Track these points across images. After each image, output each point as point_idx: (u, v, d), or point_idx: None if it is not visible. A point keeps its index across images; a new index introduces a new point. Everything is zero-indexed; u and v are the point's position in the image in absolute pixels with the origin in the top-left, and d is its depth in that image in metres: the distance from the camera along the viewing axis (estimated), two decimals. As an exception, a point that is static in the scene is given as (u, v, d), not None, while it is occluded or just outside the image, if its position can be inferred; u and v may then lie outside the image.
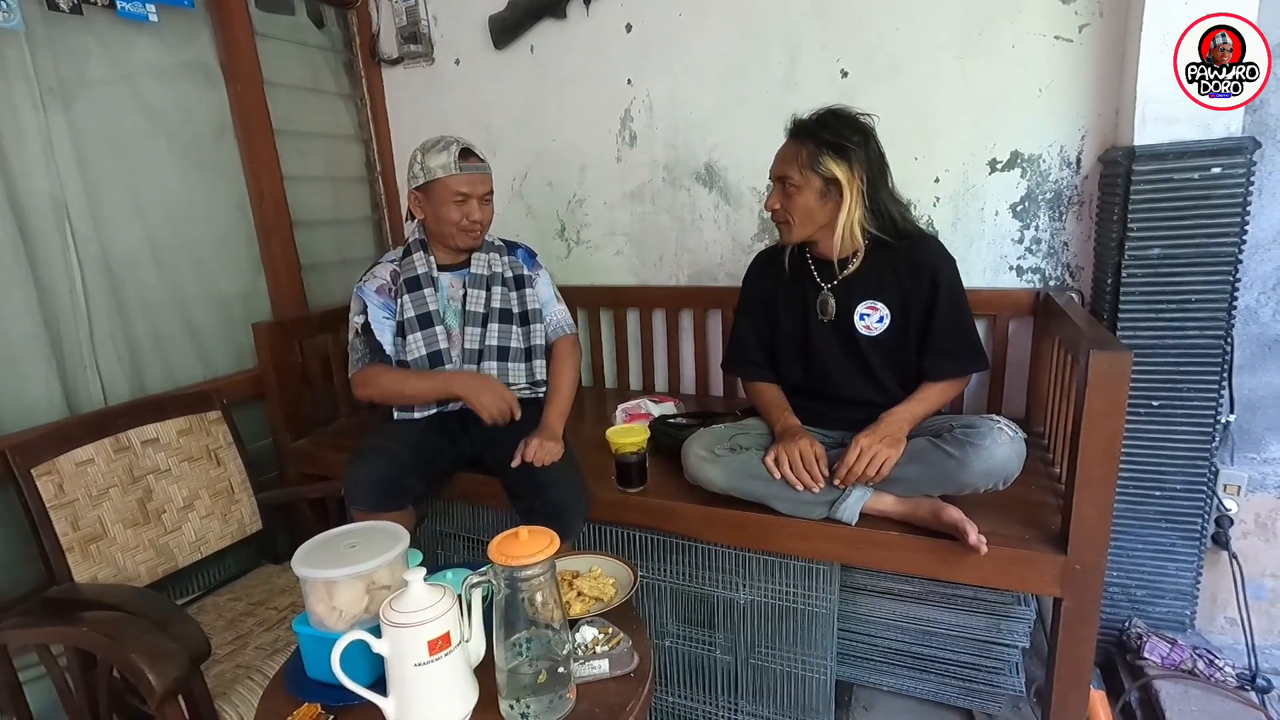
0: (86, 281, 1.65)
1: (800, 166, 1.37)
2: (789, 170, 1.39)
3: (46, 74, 1.58)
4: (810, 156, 1.36)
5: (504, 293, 1.67)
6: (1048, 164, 1.73)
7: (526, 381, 1.67)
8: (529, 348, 1.68)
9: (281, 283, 2.11)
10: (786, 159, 1.40)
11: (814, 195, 1.38)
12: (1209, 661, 1.50)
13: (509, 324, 1.66)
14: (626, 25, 2.07)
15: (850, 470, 1.32)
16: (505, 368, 1.64)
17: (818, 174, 1.36)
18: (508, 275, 1.69)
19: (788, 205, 1.41)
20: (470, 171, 1.55)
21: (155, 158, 1.82)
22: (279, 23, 2.15)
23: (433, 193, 1.56)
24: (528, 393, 1.67)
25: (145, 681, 0.99)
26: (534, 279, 1.72)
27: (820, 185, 1.37)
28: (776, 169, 1.43)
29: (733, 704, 1.56)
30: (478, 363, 1.62)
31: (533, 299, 1.70)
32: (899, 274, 1.42)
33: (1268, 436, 1.67)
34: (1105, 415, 1.13)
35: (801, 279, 1.51)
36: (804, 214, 1.40)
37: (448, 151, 1.53)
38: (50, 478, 1.34)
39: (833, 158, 1.35)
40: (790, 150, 1.40)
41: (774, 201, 1.44)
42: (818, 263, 1.49)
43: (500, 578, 0.85)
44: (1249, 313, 1.63)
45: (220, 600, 1.53)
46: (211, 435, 1.64)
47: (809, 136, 1.38)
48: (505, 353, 1.65)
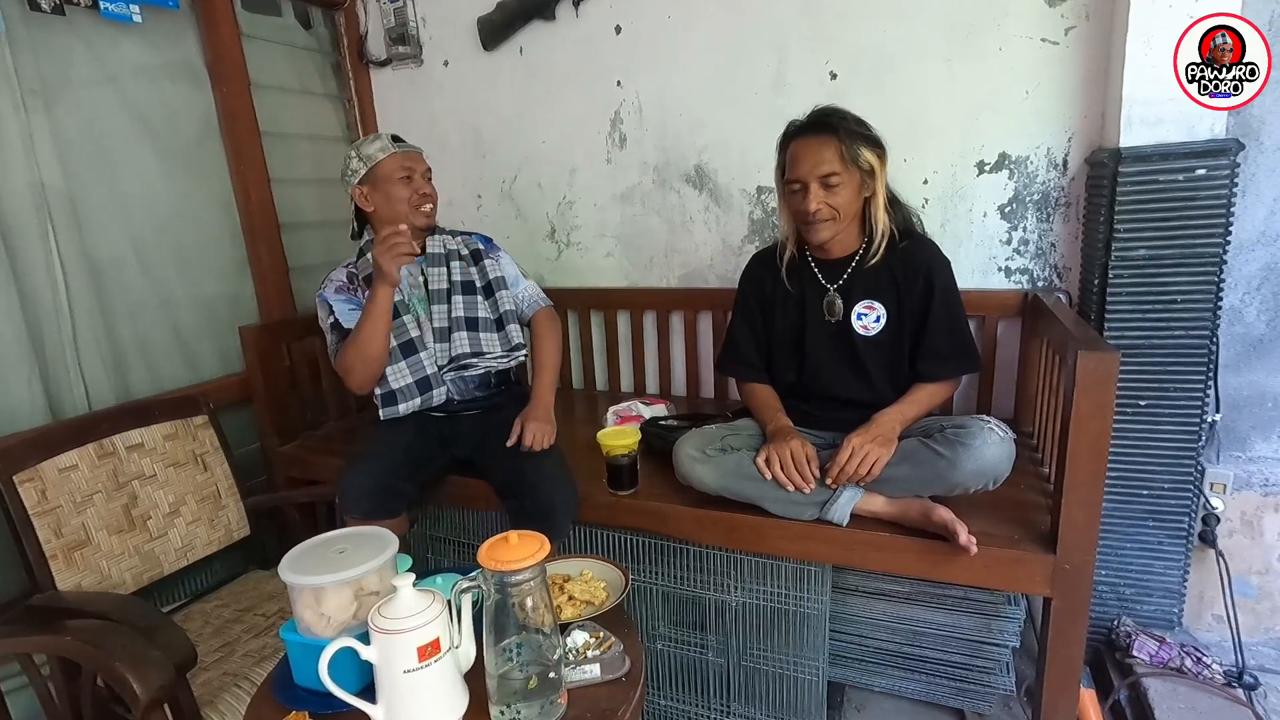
0: (69, 284, 1.63)
1: (843, 160, 1.34)
2: (834, 166, 1.33)
3: (28, 75, 1.56)
4: (848, 149, 1.34)
5: (463, 266, 1.68)
6: (1035, 166, 1.74)
7: (503, 349, 1.67)
8: (499, 316, 1.68)
9: (268, 285, 2.10)
10: (825, 157, 1.34)
11: (854, 189, 1.37)
12: (1197, 659, 1.51)
13: (473, 294, 1.67)
14: (616, 27, 2.07)
15: (842, 470, 1.32)
16: (477, 338, 1.64)
17: (858, 166, 1.35)
18: (464, 251, 1.71)
19: (833, 201, 1.36)
20: (406, 149, 1.60)
21: (140, 159, 1.80)
22: (265, 24, 2.13)
23: (377, 179, 1.58)
24: (505, 360, 1.68)
25: (130, 690, 0.98)
26: (498, 257, 1.74)
27: (859, 177, 1.37)
28: (817, 168, 1.34)
29: (725, 706, 1.56)
30: (448, 338, 1.63)
31: (493, 269, 1.71)
32: (895, 275, 1.43)
33: (1253, 435, 1.69)
34: (1093, 415, 1.13)
35: (800, 279, 1.51)
36: (847, 209, 1.38)
37: (379, 140, 1.58)
38: (33, 484, 1.32)
39: (868, 148, 1.35)
40: (825, 147, 1.34)
41: (817, 201, 1.35)
42: (820, 264, 1.49)
43: (490, 583, 0.84)
44: (1234, 312, 1.64)
45: (207, 607, 1.51)
46: (198, 440, 1.62)
47: (841, 130, 1.34)
48: (474, 323, 1.65)
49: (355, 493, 1.43)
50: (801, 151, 1.37)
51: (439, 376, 1.62)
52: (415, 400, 1.61)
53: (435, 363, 1.62)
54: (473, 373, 1.66)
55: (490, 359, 1.65)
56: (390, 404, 1.60)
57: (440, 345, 1.63)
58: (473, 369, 1.65)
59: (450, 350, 1.62)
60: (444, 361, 1.62)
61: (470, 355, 1.63)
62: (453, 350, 1.62)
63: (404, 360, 1.59)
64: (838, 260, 1.47)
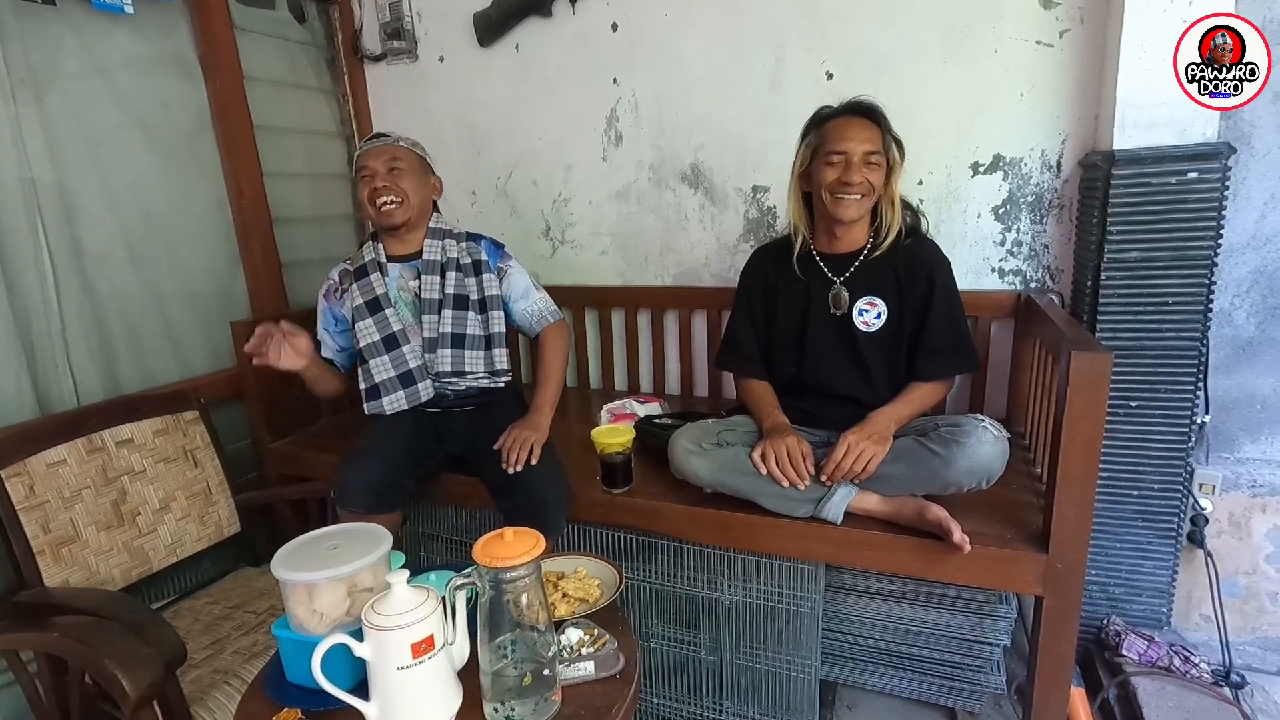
0: (59, 277, 1.61)
1: (883, 146, 1.40)
2: (877, 145, 1.39)
3: (17, 65, 1.54)
4: (885, 138, 1.40)
5: (458, 278, 1.64)
6: (1029, 167, 1.75)
7: (486, 370, 1.65)
8: (488, 335, 1.65)
9: (261, 280, 2.08)
10: (870, 136, 1.39)
11: (882, 178, 1.42)
12: (1185, 658, 1.52)
13: (464, 310, 1.63)
14: (612, 24, 2.06)
15: (837, 466, 1.33)
16: (461, 355, 1.62)
17: (888, 157, 1.41)
18: (464, 261, 1.65)
19: (871, 178, 1.39)
20: (369, 145, 1.60)
21: (131, 152, 1.78)
22: (259, 17, 2.11)
23: (356, 180, 1.61)
24: (486, 381, 1.66)
25: (118, 687, 0.97)
26: (504, 270, 1.69)
27: (886, 169, 1.42)
28: (864, 144, 1.38)
29: (718, 704, 1.56)
30: (434, 351, 1.61)
31: (491, 285, 1.66)
32: (899, 272, 1.45)
33: (1241, 437, 1.71)
34: (1086, 415, 1.14)
35: (806, 273, 1.52)
36: (878, 189, 1.42)
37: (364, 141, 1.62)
38: (20, 479, 1.31)
39: (896, 143, 1.42)
40: (869, 129, 1.40)
41: (859, 174, 1.38)
42: (825, 257, 1.51)
43: (485, 579, 0.84)
44: (1223, 315, 1.66)
45: (197, 604, 1.50)
46: (188, 435, 1.61)
47: (882, 119, 1.41)
48: (460, 340, 1.62)
49: (355, 485, 1.42)
50: (846, 128, 1.41)
51: (423, 370, 1.61)
52: (399, 394, 1.59)
53: (421, 357, 1.61)
54: (454, 388, 1.65)
55: (471, 379, 1.64)
56: (374, 397, 1.60)
57: (428, 355, 1.61)
58: (454, 385, 1.64)
59: (436, 364, 1.61)
60: (430, 370, 1.62)
61: (451, 374, 1.62)
62: (437, 365, 1.61)
63: (387, 354, 1.59)
64: (844, 255, 1.49)
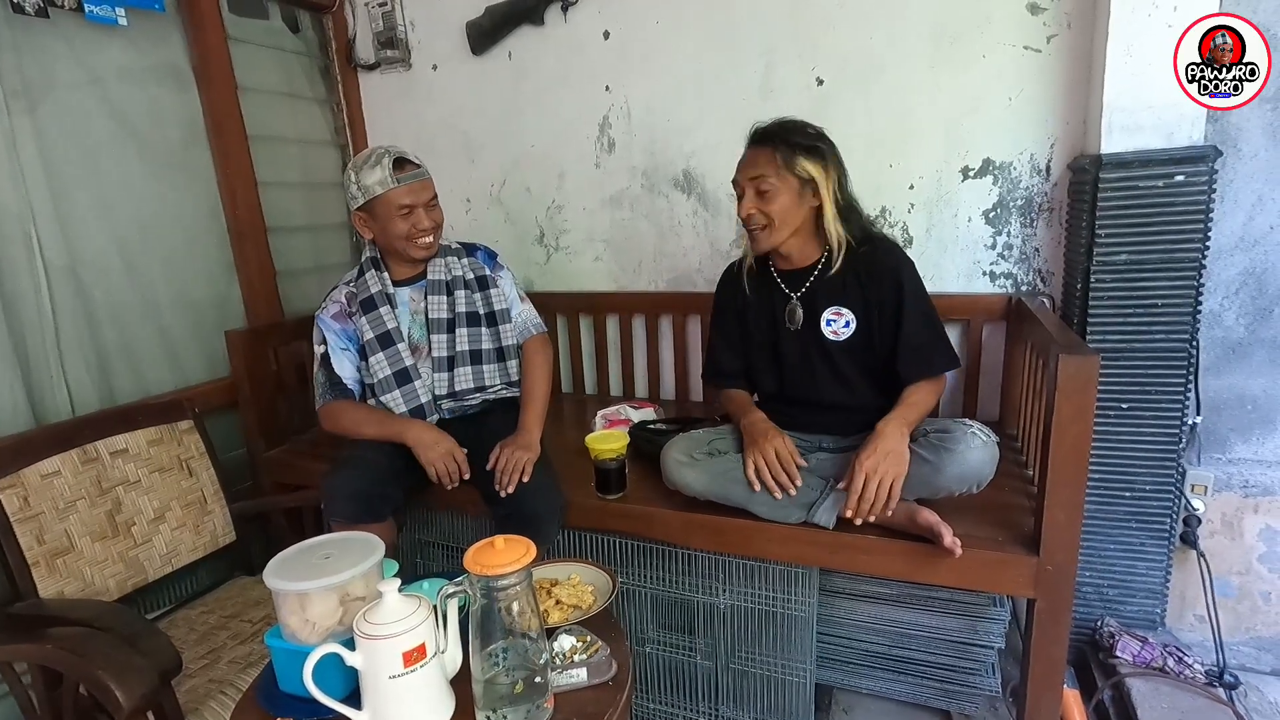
0: (53, 287, 1.61)
1: (776, 168, 1.37)
2: (764, 171, 1.37)
3: (10, 77, 1.55)
4: (785, 158, 1.36)
5: (468, 295, 1.63)
6: (1018, 171, 1.76)
7: (503, 382, 1.65)
8: (501, 348, 1.65)
9: (255, 289, 2.09)
10: (758, 163, 1.38)
11: (793, 196, 1.38)
12: (1179, 659, 1.52)
13: (477, 326, 1.63)
14: (604, 32, 2.08)
15: (860, 500, 1.28)
16: (480, 371, 1.62)
17: (794, 174, 1.37)
18: (470, 277, 1.65)
19: (766, 208, 1.39)
20: (409, 181, 1.50)
21: (125, 162, 1.79)
22: (252, 27, 2.12)
23: (376, 210, 1.51)
24: (505, 392, 1.67)
25: (113, 698, 0.97)
26: (497, 279, 1.69)
27: (798, 186, 1.38)
28: (748, 173, 1.40)
29: (713, 709, 1.56)
30: (450, 370, 1.60)
31: (499, 299, 1.66)
32: (861, 279, 1.43)
33: (1232, 437, 1.72)
34: (1074, 418, 1.15)
35: (769, 290, 1.52)
36: (783, 216, 1.39)
37: (380, 166, 1.48)
38: (14, 490, 1.31)
39: (807, 158, 1.37)
40: (760, 154, 1.39)
41: (749, 207, 1.40)
42: (782, 274, 1.50)
43: (476, 588, 0.84)
44: (1213, 317, 1.67)
45: (193, 614, 1.50)
46: (183, 445, 1.61)
47: (778, 140, 1.38)
48: (478, 355, 1.62)
49: (339, 496, 1.42)
50: (743, 160, 1.43)
51: (433, 405, 1.60)
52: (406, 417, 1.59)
53: (431, 391, 1.60)
54: (470, 403, 1.64)
55: (491, 392, 1.63)
56: None
57: (440, 375, 1.59)
58: (471, 401, 1.64)
59: (453, 383, 1.60)
60: (442, 392, 1.60)
61: (473, 390, 1.61)
62: (455, 384, 1.60)
63: (398, 389, 1.57)
64: (800, 270, 1.48)
